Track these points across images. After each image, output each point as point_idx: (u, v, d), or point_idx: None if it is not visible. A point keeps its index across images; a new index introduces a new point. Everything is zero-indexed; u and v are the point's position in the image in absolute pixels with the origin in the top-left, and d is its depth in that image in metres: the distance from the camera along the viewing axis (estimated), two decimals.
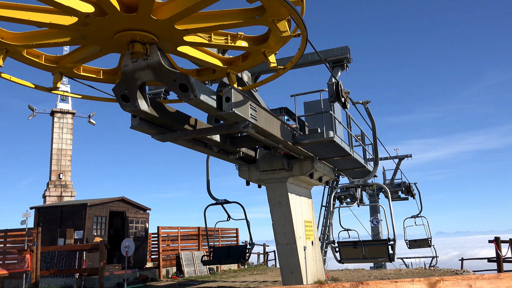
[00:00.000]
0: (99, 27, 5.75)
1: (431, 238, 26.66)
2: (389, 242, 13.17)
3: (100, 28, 5.77)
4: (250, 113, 7.98)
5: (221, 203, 12.89)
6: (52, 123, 29.63)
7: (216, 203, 12.90)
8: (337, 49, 10.91)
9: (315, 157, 12.01)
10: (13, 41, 6.09)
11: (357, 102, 12.51)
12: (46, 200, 26.67)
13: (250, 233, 12.99)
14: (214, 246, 14.21)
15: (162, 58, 6.26)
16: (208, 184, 13.11)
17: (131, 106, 6.89)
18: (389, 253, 13.19)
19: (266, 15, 5.70)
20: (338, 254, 13.73)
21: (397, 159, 29.54)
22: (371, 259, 13.71)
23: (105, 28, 5.80)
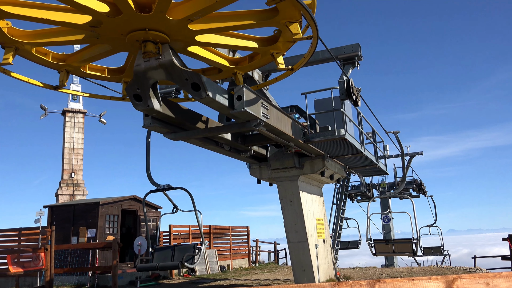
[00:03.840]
0: (112, 26, 5.77)
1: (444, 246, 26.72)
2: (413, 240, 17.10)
3: (113, 27, 5.79)
4: (261, 112, 7.99)
5: (162, 189, 10.76)
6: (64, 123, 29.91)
7: (157, 189, 10.73)
8: (348, 46, 10.88)
9: (326, 155, 11.98)
10: (23, 38, 6.09)
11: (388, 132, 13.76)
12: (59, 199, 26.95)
13: (200, 229, 10.80)
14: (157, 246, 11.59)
15: (174, 57, 6.29)
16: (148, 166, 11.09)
17: (143, 105, 6.94)
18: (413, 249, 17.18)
19: (278, 17, 5.73)
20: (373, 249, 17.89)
21: (408, 156, 29.38)
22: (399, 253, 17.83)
23: (119, 28, 5.82)
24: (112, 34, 6.01)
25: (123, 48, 6.53)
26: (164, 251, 11.09)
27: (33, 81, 7.11)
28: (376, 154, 14.60)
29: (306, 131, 10.54)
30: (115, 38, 6.12)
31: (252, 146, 10.80)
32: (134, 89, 6.79)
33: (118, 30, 5.87)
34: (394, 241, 17.97)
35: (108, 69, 7.58)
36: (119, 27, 5.77)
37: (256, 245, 26.23)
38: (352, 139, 11.06)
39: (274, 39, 6.52)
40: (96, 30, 5.86)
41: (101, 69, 7.55)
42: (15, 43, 6.08)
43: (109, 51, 6.63)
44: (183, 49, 6.65)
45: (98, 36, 6.10)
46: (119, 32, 5.94)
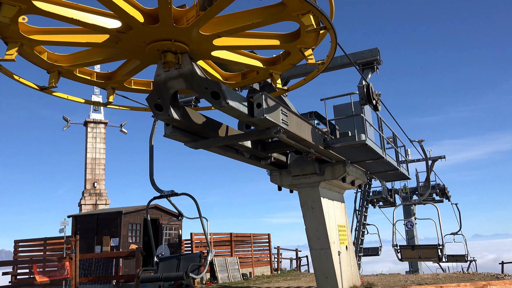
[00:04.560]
0: (130, 41, 5.91)
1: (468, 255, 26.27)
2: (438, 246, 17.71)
3: (131, 41, 5.93)
4: (281, 118, 7.99)
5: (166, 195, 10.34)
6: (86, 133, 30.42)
7: (161, 195, 10.33)
8: (366, 51, 10.81)
9: (347, 161, 11.89)
10: (64, 62, 6.52)
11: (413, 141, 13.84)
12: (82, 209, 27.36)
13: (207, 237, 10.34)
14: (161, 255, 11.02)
15: (194, 67, 6.35)
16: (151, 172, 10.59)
17: (164, 114, 7.02)
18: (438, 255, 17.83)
19: (288, 10, 5.57)
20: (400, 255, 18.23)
21: (430, 161, 28.96)
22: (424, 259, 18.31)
23: (136, 41, 5.95)
24: (133, 48, 6.16)
25: (150, 60, 6.68)
26: (169, 261, 10.62)
27: (77, 99, 7.54)
28: (397, 159, 14.42)
29: (326, 137, 10.48)
30: (138, 51, 6.27)
31: (272, 153, 10.79)
32: (155, 99, 6.89)
33: (136, 43, 6.01)
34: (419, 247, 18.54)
35: (96, 73, 7.56)
36: (135, 40, 5.93)
37: (278, 253, 26.11)
38: (373, 144, 10.96)
39: (297, 34, 6.38)
40: (117, 46, 6.04)
41: (146, 83, 7.87)
42: (57, 67, 6.50)
43: (141, 65, 6.86)
44: (208, 55, 6.67)
45: (121, 52, 6.30)
46: (139, 46, 6.07)
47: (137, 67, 6.90)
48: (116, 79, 7.26)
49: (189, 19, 5.72)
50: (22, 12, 5.05)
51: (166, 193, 10.31)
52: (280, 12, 5.65)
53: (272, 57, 7.46)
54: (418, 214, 29.88)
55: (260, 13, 5.75)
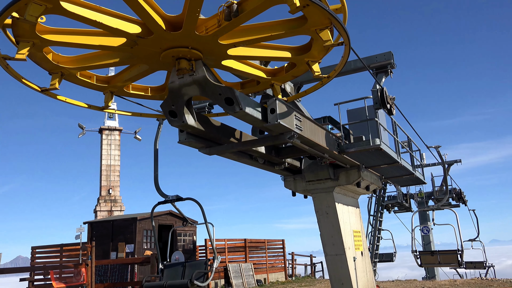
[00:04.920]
0: (146, 46, 5.96)
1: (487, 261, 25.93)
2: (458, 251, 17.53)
3: (147, 47, 5.97)
4: (295, 124, 7.98)
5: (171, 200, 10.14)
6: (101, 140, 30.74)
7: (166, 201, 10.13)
8: (380, 55, 10.75)
9: (362, 166, 11.81)
10: (68, 64, 6.39)
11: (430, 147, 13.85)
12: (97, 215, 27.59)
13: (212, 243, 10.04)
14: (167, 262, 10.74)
15: (208, 73, 6.38)
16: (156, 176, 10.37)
17: (178, 121, 7.05)
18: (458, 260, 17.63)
19: (308, 25, 5.70)
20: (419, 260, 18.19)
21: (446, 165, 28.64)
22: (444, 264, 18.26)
23: (152, 47, 6.00)
24: (147, 54, 6.19)
25: (159, 66, 6.71)
26: (174, 268, 10.40)
27: (79, 103, 7.44)
28: (412, 163, 14.29)
29: (340, 141, 10.44)
30: (150, 57, 6.30)
31: (286, 159, 10.77)
32: (169, 105, 6.93)
33: (152, 49, 6.04)
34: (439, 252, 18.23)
35: (150, 88, 7.83)
36: (152, 46, 5.96)
37: (292, 258, 26.00)
38: (388, 149, 10.87)
39: (308, 47, 6.49)
40: (131, 51, 6.06)
41: (144, 88, 7.81)
42: (61, 69, 6.38)
43: (147, 71, 6.85)
44: (217, 64, 6.75)
45: (133, 57, 6.30)
46: (153, 52, 6.12)
47: (142, 72, 6.88)
48: (115, 84, 7.18)
49: (208, 28, 5.78)
50: (47, 12, 5.06)
51: (170, 198, 10.14)
52: (299, 26, 5.74)
53: (274, 69, 7.60)
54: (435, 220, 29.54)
55: (279, 25, 5.85)
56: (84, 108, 7.80)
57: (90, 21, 5.29)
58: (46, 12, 5.08)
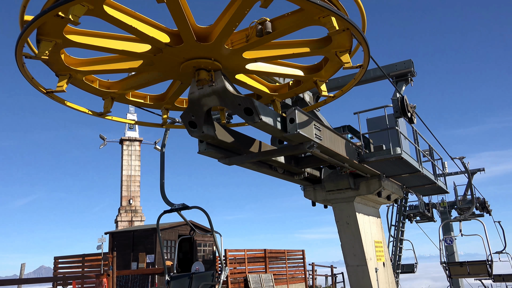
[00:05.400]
0: (163, 62, 6.05)
1: None
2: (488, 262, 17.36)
3: (170, 56, 6.03)
4: (314, 133, 7.94)
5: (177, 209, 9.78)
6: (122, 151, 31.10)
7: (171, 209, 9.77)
8: (400, 63, 10.67)
9: (382, 175, 11.67)
10: (77, 66, 6.28)
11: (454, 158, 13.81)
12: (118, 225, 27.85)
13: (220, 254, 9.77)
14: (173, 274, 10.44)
15: (227, 84, 6.42)
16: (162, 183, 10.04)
17: (198, 131, 7.09)
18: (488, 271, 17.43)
19: (331, 46, 5.75)
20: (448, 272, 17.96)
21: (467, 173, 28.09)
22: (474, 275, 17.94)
23: (176, 57, 6.05)
24: (168, 63, 6.24)
25: (173, 76, 6.77)
26: (180, 279, 10.09)
27: (81, 108, 7.28)
28: (434, 172, 14.06)
29: (360, 151, 10.34)
30: (169, 66, 6.36)
31: (305, 168, 10.72)
32: (189, 116, 6.97)
33: (175, 59, 6.11)
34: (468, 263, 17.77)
35: (149, 96, 7.79)
36: (177, 56, 6.01)
37: (313, 269, 25.75)
38: (409, 158, 10.73)
39: (319, 67, 6.55)
40: (153, 58, 6.11)
41: (143, 96, 7.74)
42: (70, 71, 6.21)
43: (156, 79, 6.85)
44: (242, 69, 6.80)
45: (152, 64, 6.35)
46: (176, 61, 6.18)
47: (150, 81, 6.92)
48: (117, 90, 7.16)
49: (234, 42, 5.90)
50: (59, 47, 5.24)
51: (176, 207, 9.86)
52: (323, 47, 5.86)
53: (313, 65, 7.41)
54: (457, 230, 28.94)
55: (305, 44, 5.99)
56: (105, 120, 7.87)
57: (126, 26, 5.28)
58: (58, 47, 5.27)
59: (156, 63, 6.15)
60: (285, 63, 6.94)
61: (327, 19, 5.43)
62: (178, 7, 4.94)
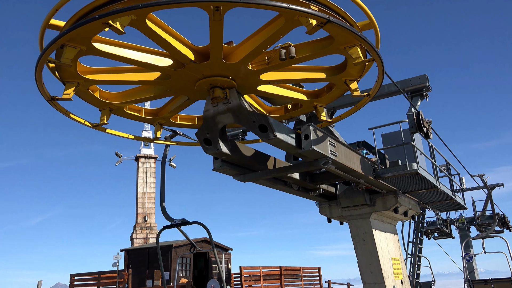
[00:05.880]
0: (180, 78, 6.13)
1: None
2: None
3: (181, 79, 6.14)
4: (329, 149, 7.91)
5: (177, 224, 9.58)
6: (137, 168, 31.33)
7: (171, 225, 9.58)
8: (414, 78, 10.62)
9: (399, 191, 11.55)
10: (114, 100, 6.78)
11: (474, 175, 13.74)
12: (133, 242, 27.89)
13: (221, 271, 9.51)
14: None
15: (241, 101, 6.46)
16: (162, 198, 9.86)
17: (213, 149, 7.13)
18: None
19: (336, 44, 5.64)
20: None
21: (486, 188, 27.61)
22: None
23: (186, 78, 6.16)
24: (183, 85, 6.37)
25: (198, 96, 6.88)
26: None
27: (126, 135, 7.81)
28: (452, 187, 13.86)
29: (376, 166, 10.26)
30: (187, 88, 6.49)
31: (320, 185, 10.66)
32: (204, 133, 7.03)
33: (186, 80, 6.22)
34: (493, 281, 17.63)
35: (197, 117, 8.15)
36: (185, 77, 6.14)
37: (329, 286, 25.39)
38: (426, 173, 10.60)
39: (343, 66, 6.43)
40: (167, 83, 6.29)
41: (191, 118, 8.15)
42: (109, 105, 6.75)
43: (188, 101, 7.06)
44: (254, 90, 6.82)
45: (171, 89, 6.51)
46: (188, 82, 6.28)
47: (184, 103, 7.13)
48: (163, 115, 7.51)
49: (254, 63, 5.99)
50: (82, 54, 5.33)
51: (176, 222, 9.63)
52: (327, 46, 5.72)
53: (316, 90, 7.53)
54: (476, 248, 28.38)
55: (308, 47, 5.87)
56: (121, 138, 8.03)
57: (122, 58, 5.55)
58: (80, 54, 5.35)
59: (172, 77, 6.22)
60: (290, 87, 7.12)
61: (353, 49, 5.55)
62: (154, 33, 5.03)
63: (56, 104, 6.48)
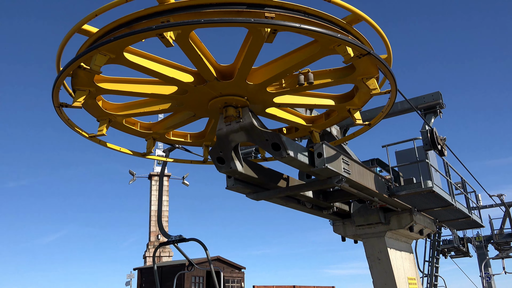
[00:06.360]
0: (196, 94, 6.17)
1: None
2: None
3: (197, 95, 6.18)
4: (342, 167, 7.88)
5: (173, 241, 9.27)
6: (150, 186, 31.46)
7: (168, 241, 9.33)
8: (428, 95, 10.58)
9: (414, 209, 11.40)
10: (115, 111, 6.66)
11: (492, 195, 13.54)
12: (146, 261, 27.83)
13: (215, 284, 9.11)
14: None
15: (254, 120, 6.50)
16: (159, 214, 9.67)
17: (226, 167, 7.14)
18: None
19: (355, 74, 5.79)
20: None
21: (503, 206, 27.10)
22: None
23: (201, 95, 6.20)
24: (196, 102, 6.40)
25: (205, 114, 6.90)
26: None
27: (124, 150, 7.68)
28: (468, 205, 13.65)
29: (390, 184, 10.17)
30: (199, 105, 6.51)
31: (334, 203, 10.58)
32: (217, 152, 7.05)
33: (201, 97, 6.25)
34: None
35: (190, 134, 8.03)
36: (202, 95, 6.15)
37: None
38: (441, 191, 10.47)
39: (351, 95, 6.55)
40: (181, 99, 6.29)
41: (183, 135, 8.09)
42: (109, 115, 6.62)
43: (192, 118, 7.08)
44: (261, 111, 6.88)
45: (182, 104, 6.53)
46: (203, 100, 6.32)
47: (187, 119, 7.11)
48: (157, 130, 7.41)
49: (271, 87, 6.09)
50: (110, 62, 5.31)
51: (173, 239, 9.50)
52: (348, 75, 5.84)
53: (312, 116, 7.72)
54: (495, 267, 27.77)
55: (329, 74, 5.98)
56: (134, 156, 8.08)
57: (148, 70, 5.54)
58: (108, 62, 5.37)
59: (185, 102, 6.30)
60: (314, 93, 6.99)
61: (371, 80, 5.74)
62: (192, 49, 5.07)
63: (61, 111, 6.40)
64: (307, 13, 5.02)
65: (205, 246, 9.29)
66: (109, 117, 6.62)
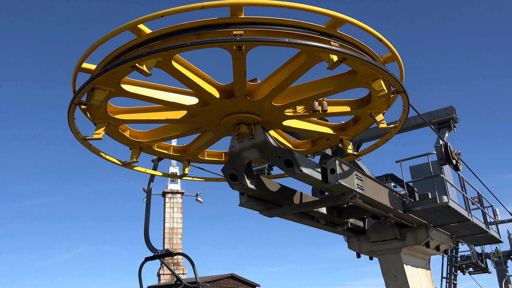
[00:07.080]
0: (206, 115, 6.27)
1: None
2: None
3: (207, 116, 6.28)
4: (356, 183, 7.83)
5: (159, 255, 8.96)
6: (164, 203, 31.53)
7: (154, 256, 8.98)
8: (441, 110, 10.51)
9: (430, 224, 11.24)
10: (144, 138, 7.01)
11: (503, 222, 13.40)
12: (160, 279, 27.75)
13: None
14: None
15: (267, 137, 6.52)
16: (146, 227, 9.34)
17: (239, 184, 7.15)
18: None
19: (359, 78, 5.69)
20: None
21: None
22: None
23: (212, 116, 6.29)
24: (209, 122, 6.52)
25: (224, 133, 6.98)
26: None
27: (156, 172, 8.06)
28: (485, 220, 13.42)
29: (405, 200, 10.06)
30: (213, 125, 6.63)
31: (348, 219, 10.48)
32: (230, 169, 7.07)
33: (212, 118, 6.37)
34: None
35: (224, 153, 8.30)
36: (212, 115, 6.30)
37: None
38: (457, 206, 10.32)
39: (368, 99, 6.43)
40: (194, 121, 6.47)
41: (218, 154, 8.34)
42: (139, 143, 7.01)
43: (215, 138, 7.23)
44: (279, 125, 6.89)
45: (198, 126, 6.66)
46: (214, 120, 6.41)
47: (211, 139, 7.27)
48: (190, 152, 7.70)
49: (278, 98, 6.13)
50: (111, 95, 5.53)
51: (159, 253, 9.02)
52: (350, 80, 5.77)
53: (342, 123, 7.55)
54: None
55: (331, 81, 5.92)
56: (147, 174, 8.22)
57: (149, 98, 5.75)
58: (110, 96, 5.56)
59: (199, 115, 6.35)
60: (315, 121, 7.25)
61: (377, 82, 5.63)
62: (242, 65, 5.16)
63: (88, 144, 6.73)
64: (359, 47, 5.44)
65: (193, 262, 9.00)
66: (140, 144, 7.00)
